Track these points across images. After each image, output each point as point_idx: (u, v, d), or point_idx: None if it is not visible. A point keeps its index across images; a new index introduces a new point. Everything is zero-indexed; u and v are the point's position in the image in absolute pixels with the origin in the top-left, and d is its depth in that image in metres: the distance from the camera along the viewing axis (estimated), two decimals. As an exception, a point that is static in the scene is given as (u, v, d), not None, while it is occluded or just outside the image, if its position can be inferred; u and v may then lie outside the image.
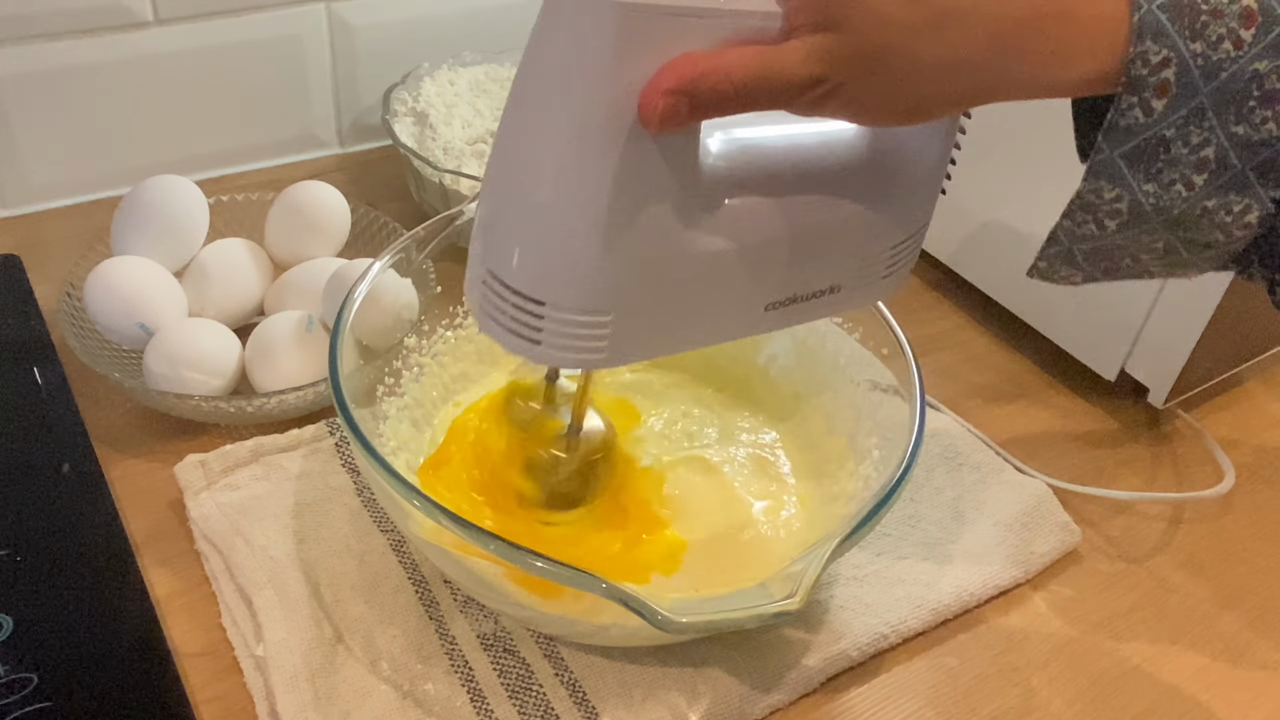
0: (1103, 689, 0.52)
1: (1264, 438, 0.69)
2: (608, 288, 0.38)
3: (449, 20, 0.86)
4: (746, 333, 0.43)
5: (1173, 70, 0.35)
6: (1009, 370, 0.72)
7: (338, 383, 0.47)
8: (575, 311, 0.38)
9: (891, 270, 0.45)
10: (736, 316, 0.42)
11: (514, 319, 0.38)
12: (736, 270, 0.40)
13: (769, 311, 0.42)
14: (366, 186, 0.82)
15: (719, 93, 0.34)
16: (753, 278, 0.41)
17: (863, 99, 0.36)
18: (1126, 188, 0.37)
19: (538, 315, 0.38)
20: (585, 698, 0.48)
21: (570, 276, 0.37)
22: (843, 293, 0.44)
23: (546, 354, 0.39)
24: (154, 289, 0.61)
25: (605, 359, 0.39)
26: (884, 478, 0.48)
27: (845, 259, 0.43)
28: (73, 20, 0.71)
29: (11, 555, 0.51)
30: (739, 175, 0.39)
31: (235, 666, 0.49)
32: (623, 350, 0.39)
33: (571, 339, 0.38)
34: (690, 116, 0.34)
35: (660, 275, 0.38)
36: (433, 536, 0.45)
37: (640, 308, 0.39)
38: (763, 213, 0.40)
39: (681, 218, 0.37)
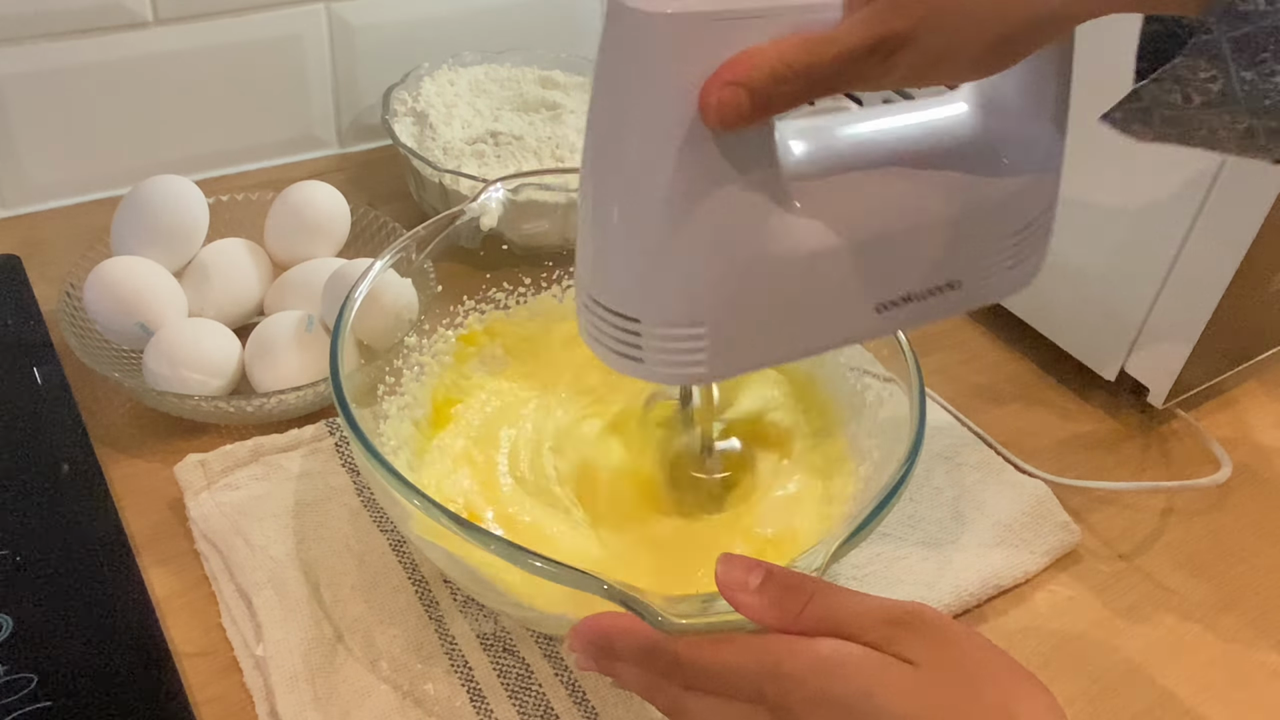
0: (1103, 689, 0.52)
1: (1263, 438, 0.69)
2: (696, 298, 0.37)
3: (449, 20, 0.86)
4: (861, 337, 0.42)
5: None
6: (1009, 370, 0.72)
7: (338, 382, 0.47)
8: (668, 325, 0.37)
9: (1017, 260, 0.42)
10: (845, 320, 0.40)
11: (615, 339, 0.38)
12: (835, 270, 0.39)
13: (883, 313, 0.41)
14: (366, 186, 0.82)
15: (777, 77, 0.33)
16: (856, 277, 0.39)
17: (938, 49, 0.33)
18: (1224, 71, 0.34)
19: (634, 333, 0.38)
20: (585, 698, 0.48)
21: (657, 290, 0.37)
22: (965, 289, 0.42)
23: (650, 371, 0.39)
24: (154, 289, 0.61)
25: (707, 372, 0.39)
26: (884, 478, 0.48)
27: (961, 251, 0.41)
28: (73, 20, 0.71)
29: (11, 555, 0.51)
30: (827, 170, 0.38)
31: (235, 666, 0.49)
32: (724, 362, 0.39)
33: (671, 354, 0.38)
34: (752, 109, 0.33)
35: (751, 281, 0.37)
36: (433, 536, 0.45)
37: (735, 317, 0.38)
38: (857, 208, 0.38)
39: (765, 220, 0.37)
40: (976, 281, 0.42)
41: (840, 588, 0.36)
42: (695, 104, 0.34)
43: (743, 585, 0.36)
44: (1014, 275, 0.43)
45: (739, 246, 0.37)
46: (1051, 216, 0.43)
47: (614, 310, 0.38)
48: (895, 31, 0.33)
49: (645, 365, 0.39)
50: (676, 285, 0.37)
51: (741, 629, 0.36)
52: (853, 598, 0.36)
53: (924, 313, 0.42)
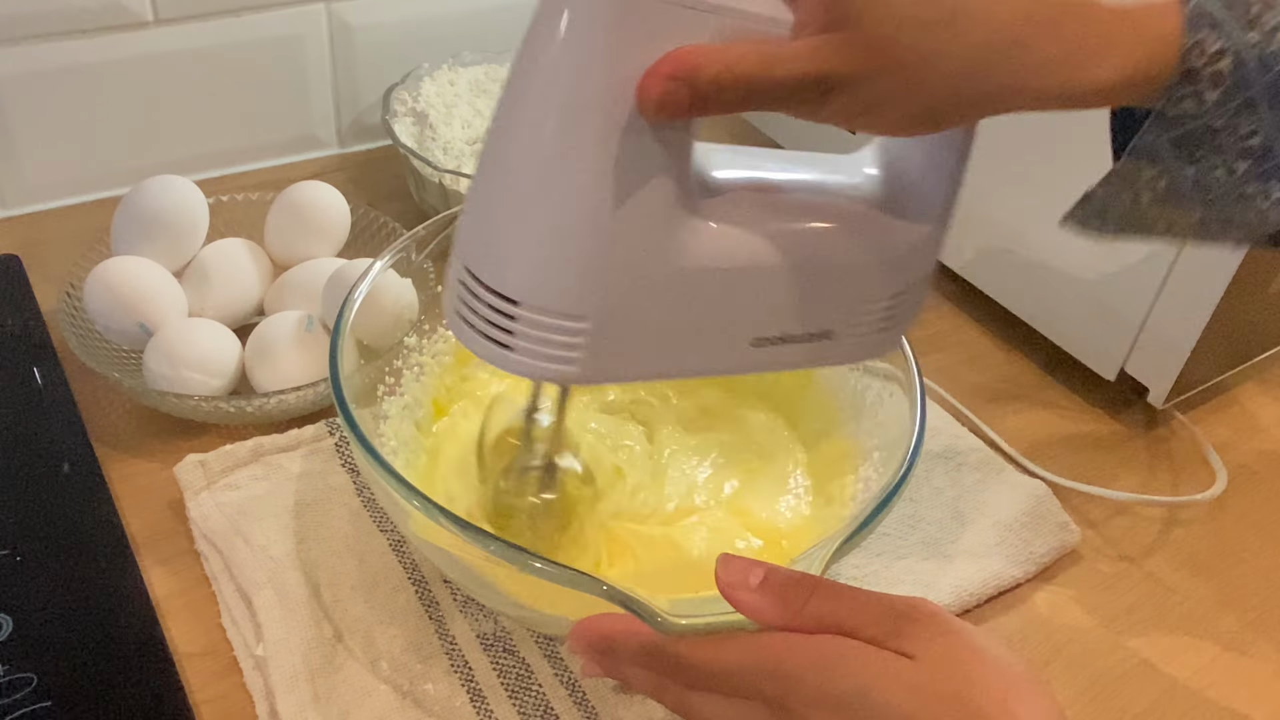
0: (1103, 689, 0.53)
1: (1263, 438, 0.69)
2: (586, 290, 0.36)
3: (449, 20, 0.86)
4: (732, 369, 0.41)
5: (1228, 61, 0.34)
6: (1009, 370, 0.72)
7: (338, 382, 0.47)
8: (550, 314, 0.36)
9: (888, 325, 0.43)
10: (721, 347, 0.40)
11: (487, 320, 0.37)
12: (723, 294, 0.38)
13: (756, 348, 0.41)
14: (366, 186, 0.82)
15: (720, 83, 0.33)
16: (740, 306, 0.39)
17: (870, 100, 0.34)
18: (1166, 170, 0.36)
19: (510, 316, 0.36)
20: (585, 698, 0.48)
21: (547, 273, 0.36)
22: (835, 340, 0.42)
23: (518, 361, 0.37)
24: (154, 289, 0.61)
25: (578, 373, 0.37)
26: (884, 479, 0.48)
27: (840, 301, 0.41)
28: (73, 20, 0.71)
29: (11, 555, 0.51)
30: (735, 193, 0.38)
31: (235, 666, 0.49)
32: (597, 365, 0.38)
33: (544, 345, 0.37)
34: (690, 106, 0.33)
35: (642, 286, 0.37)
36: (433, 536, 0.45)
37: (619, 319, 0.37)
38: (756, 236, 0.38)
39: (670, 227, 0.36)
40: (847, 335, 0.42)
41: (840, 584, 0.36)
42: (630, 89, 0.33)
43: (743, 584, 0.36)
44: (880, 338, 0.44)
45: (639, 247, 0.36)
46: (925, 289, 0.44)
47: (492, 288, 0.36)
48: (839, 72, 0.33)
49: (514, 355, 0.37)
50: (568, 271, 0.36)
51: (742, 628, 0.36)
52: (852, 594, 0.36)
53: (795, 356, 0.42)
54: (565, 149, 0.34)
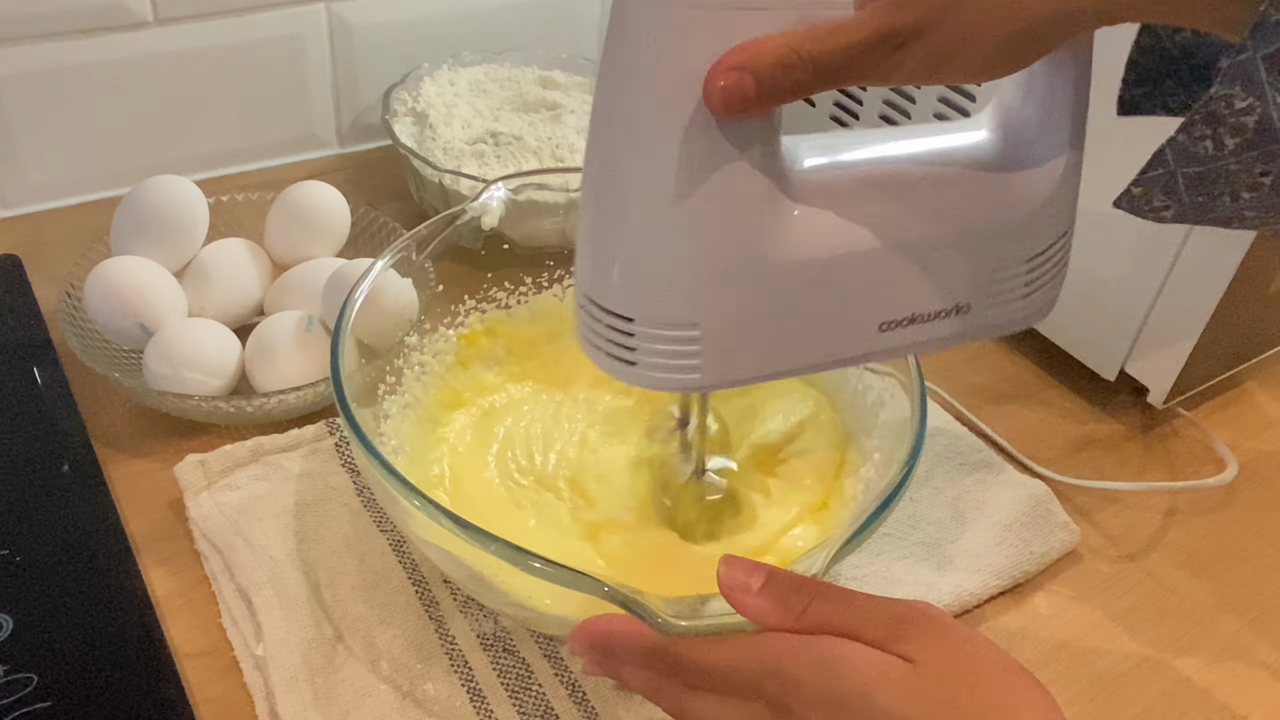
0: (1103, 689, 0.53)
1: (1263, 438, 0.69)
2: (691, 297, 0.36)
3: (449, 20, 0.86)
4: (862, 356, 0.40)
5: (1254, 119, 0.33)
6: (1009, 370, 0.72)
7: (339, 382, 0.47)
8: (662, 326, 0.37)
9: (1032, 288, 0.41)
10: (845, 335, 0.39)
11: (608, 340, 0.38)
12: (836, 282, 0.38)
13: (885, 332, 0.40)
14: (366, 186, 0.82)
15: (784, 64, 0.32)
16: (858, 292, 0.38)
17: (944, 46, 0.33)
18: (1261, 96, 0.33)
19: (628, 334, 0.37)
20: (585, 698, 0.48)
21: (653, 288, 0.36)
22: (974, 313, 0.41)
23: (642, 375, 0.38)
24: (154, 289, 0.61)
25: (700, 380, 0.38)
26: (885, 480, 0.48)
27: (970, 274, 0.40)
28: (73, 20, 0.71)
29: (11, 555, 0.51)
30: (833, 178, 0.37)
31: (235, 666, 0.49)
32: (718, 370, 0.38)
33: (664, 357, 0.37)
34: (758, 97, 0.33)
35: (749, 285, 0.37)
36: (433, 536, 0.45)
37: (731, 320, 0.37)
38: (862, 219, 0.37)
39: (766, 224, 0.36)
40: (987, 307, 0.41)
41: (841, 588, 0.36)
42: (699, 93, 0.33)
43: (745, 587, 0.36)
44: (1026, 305, 0.42)
45: (737, 246, 0.36)
46: (1066, 247, 0.42)
47: (608, 309, 0.37)
48: (904, 24, 0.32)
49: (638, 369, 0.38)
50: (672, 283, 0.36)
51: (741, 630, 0.36)
52: (854, 597, 0.36)
53: (930, 335, 0.41)
54: (649, 164, 0.35)
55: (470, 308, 0.60)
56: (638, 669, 0.38)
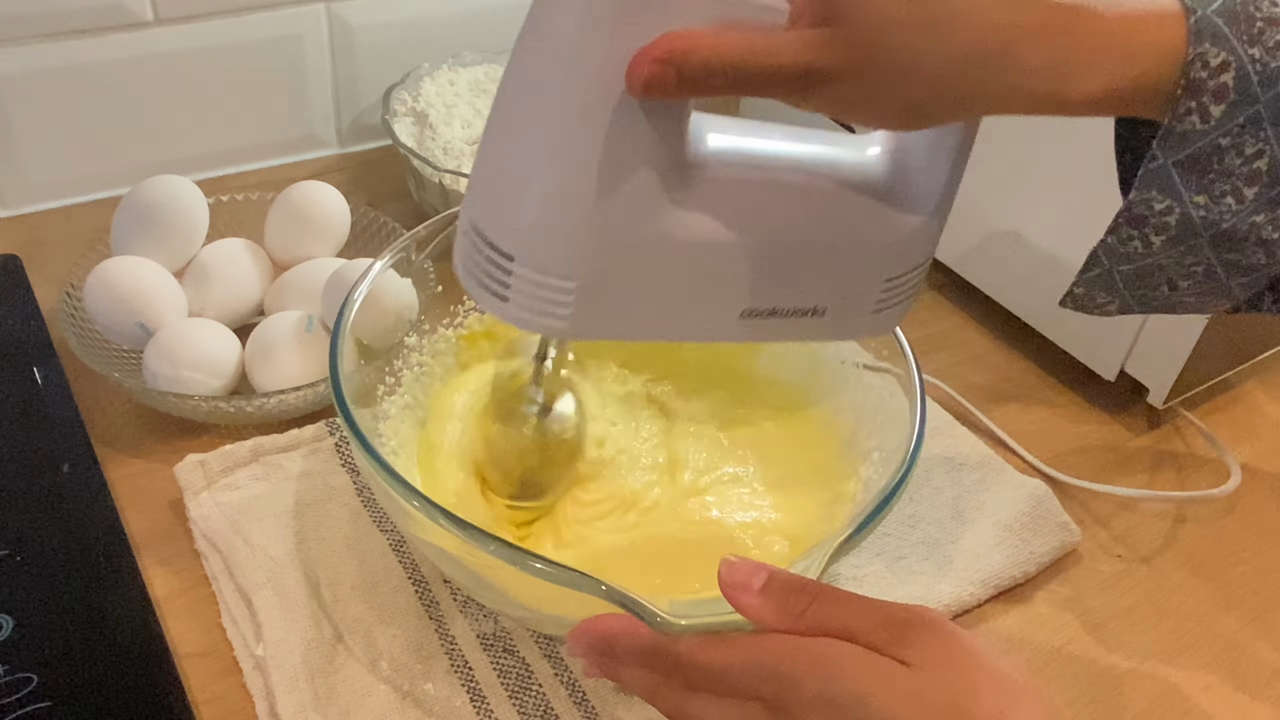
0: (1103, 689, 0.53)
1: (1263, 438, 0.69)
2: (575, 252, 0.37)
3: (449, 20, 0.86)
4: (720, 337, 0.42)
5: (1231, 75, 0.34)
6: (1009, 370, 0.72)
7: (338, 382, 0.47)
8: (541, 271, 0.38)
9: (883, 305, 0.44)
10: (709, 316, 0.41)
11: (486, 272, 0.39)
12: (711, 264, 0.39)
13: (745, 320, 0.42)
14: (366, 186, 0.82)
15: (708, 68, 0.34)
16: (729, 277, 0.40)
17: (856, 95, 0.35)
18: (1178, 198, 0.36)
19: (507, 270, 0.38)
20: (585, 698, 0.48)
21: (540, 234, 0.37)
22: (827, 317, 0.43)
23: (512, 313, 0.39)
24: (154, 289, 0.61)
25: (567, 328, 0.39)
26: (884, 479, 0.48)
27: (832, 281, 0.42)
28: (73, 20, 0.71)
29: (11, 555, 0.51)
30: (729, 168, 0.39)
31: (235, 666, 0.49)
32: (586, 322, 0.39)
33: (536, 300, 0.38)
34: (677, 88, 0.34)
35: (630, 251, 0.38)
36: (433, 536, 0.45)
37: (607, 281, 0.38)
38: (747, 211, 0.39)
39: (660, 198, 0.37)
40: (840, 314, 0.43)
41: (842, 591, 0.36)
42: (623, 67, 0.34)
43: (746, 587, 0.36)
44: (874, 320, 0.44)
45: (629, 215, 0.37)
46: (921, 276, 0.44)
47: (491, 242, 0.38)
48: (824, 66, 0.34)
49: (509, 305, 0.39)
50: (558, 234, 0.37)
51: (741, 629, 0.36)
52: (854, 600, 0.36)
53: (785, 330, 0.43)
54: (562, 120, 0.36)
55: (470, 308, 0.60)
56: (637, 669, 0.38)
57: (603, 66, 0.34)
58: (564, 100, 0.35)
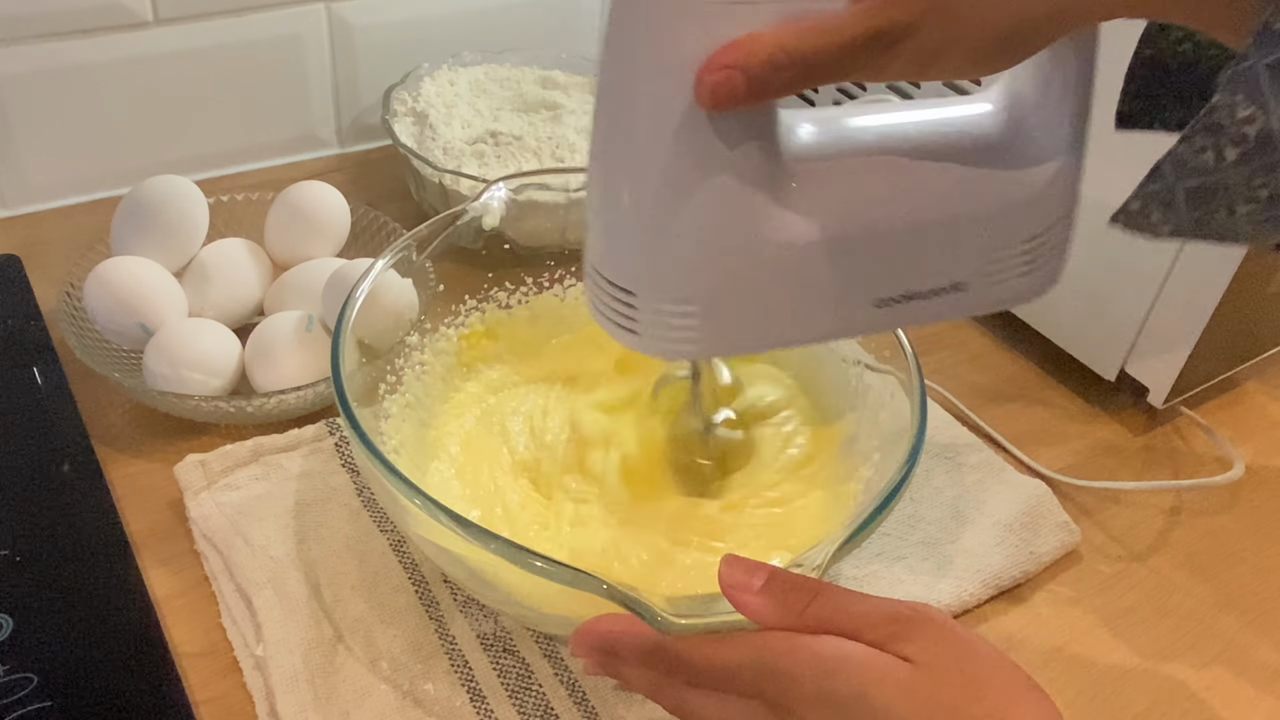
0: (1103, 689, 0.53)
1: (1263, 438, 0.69)
2: (687, 277, 0.37)
3: (449, 20, 0.86)
4: (858, 330, 0.42)
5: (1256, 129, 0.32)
6: (1009, 370, 0.72)
7: (339, 382, 0.47)
8: (661, 301, 0.38)
9: (1030, 268, 0.41)
10: (842, 311, 0.40)
11: (614, 310, 0.39)
12: (831, 260, 0.38)
13: (882, 309, 0.40)
14: (366, 186, 0.82)
15: (774, 63, 0.32)
16: (852, 270, 0.39)
17: (935, 43, 0.33)
18: (1263, 106, 0.33)
19: (631, 305, 0.38)
20: (585, 698, 0.48)
21: (651, 265, 0.38)
22: (971, 291, 0.41)
23: (645, 344, 0.39)
24: (154, 289, 0.61)
25: (698, 350, 0.39)
26: (884, 480, 0.48)
27: (968, 253, 0.40)
28: (73, 20, 0.71)
29: (11, 555, 0.51)
30: (829, 159, 0.38)
31: (235, 666, 0.49)
32: (717, 341, 0.39)
33: (664, 329, 0.39)
34: (748, 92, 0.33)
35: (745, 264, 0.38)
36: (433, 536, 0.45)
37: (727, 297, 0.38)
38: (859, 197, 0.38)
39: (759, 203, 0.37)
40: (984, 285, 0.41)
41: (843, 589, 0.36)
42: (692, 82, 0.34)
43: (746, 586, 0.36)
44: (1026, 283, 0.42)
45: (732, 228, 0.37)
46: (1069, 227, 0.42)
47: (612, 282, 0.39)
48: (896, 21, 0.32)
49: (641, 338, 0.39)
50: (669, 262, 0.37)
51: (742, 628, 0.36)
52: (855, 598, 0.36)
53: (927, 312, 0.41)
54: (649, 149, 0.36)
55: (471, 308, 0.60)
56: (639, 668, 0.38)
57: (674, 86, 0.34)
58: (645, 127, 0.35)
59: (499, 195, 0.59)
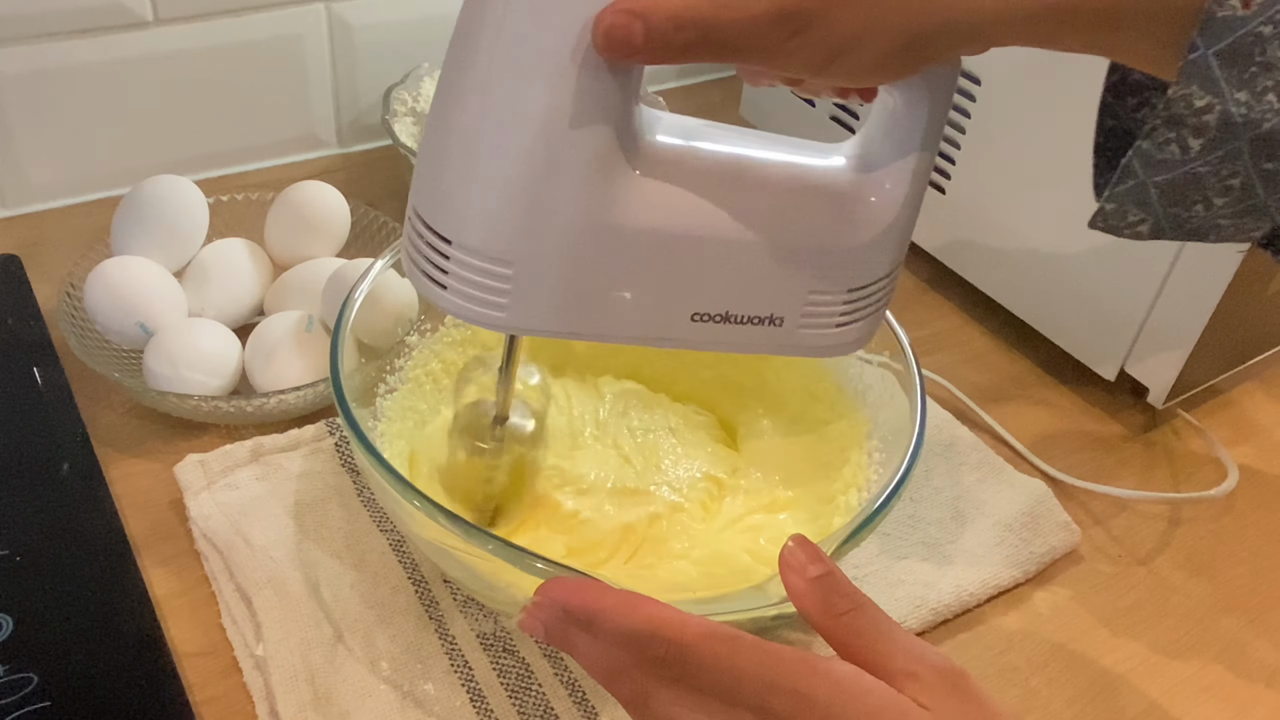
0: (1103, 689, 0.53)
1: (1263, 438, 0.69)
2: (511, 234, 0.36)
3: (449, 20, 0.84)
4: (669, 340, 0.40)
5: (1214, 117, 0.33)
6: (1009, 370, 0.72)
7: (339, 382, 0.47)
8: (477, 255, 0.37)
9: (846, 319, 0.42)
10: (657, 316, 0.40)
11: (426, 259, 0.38)
12: (658, 259, 0.38)
13: (697, 323, 0.40)
14: (366, 186, 0.82)
15: (677, 22, 0.32)
16: (677, 275, 0.39)
17: (841, 37, 0.33)
18: (1218, 94, 0.34)
19: (445, 255, 0.37)
20: (585, 698, 0.48)
21: (475, 215, 0.36)
22: (785, 328, 0.41)
23: (451, 301, 0.38)
24: (154, 289, 0.61)
25: (505, 319, 0.38)
26: (884, 479, 0.48)
27: (790, 288, 0.40)
28: (73, 20, 0.71)
29: (11, 555, 0.51)
30: (682, 158, 0.37)
31: (235, 666, 0.49)
32: (525, 315, 0.38)
33: (474, 288, 0.37)
34: (644, 47, 0.32)
35: (571, 237, 0.37)
36: (433, 536, 0.45)
37: (547, 269, 0.37)
38: (697, 203, 0.38)
39: (604, 182, 0.36)
40: (799, 326, 0.41)
41: (883, 612, 0.35)
42: (574, 33, 0.33)
43: (802, 569, 0.36)
44: (838, 335, 0.42)
45: (569, 196, 0.36)
46: (889, 289, 0.43)
47: (430, 225, 0.37)
48: (805, 8, 0.32)
49: (448, 293, 0.38)
50: (495, 215, 0.36)
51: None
52: (893, 625, 0.35)
53: (739, 339, 0.41)
54: (502, 93, 0.35)
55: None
56: (610, 647, 0.35)
57: (550, 30, 0.33)
58: (503, 69, 0.34)
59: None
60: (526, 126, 0.35)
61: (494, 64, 0.35)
